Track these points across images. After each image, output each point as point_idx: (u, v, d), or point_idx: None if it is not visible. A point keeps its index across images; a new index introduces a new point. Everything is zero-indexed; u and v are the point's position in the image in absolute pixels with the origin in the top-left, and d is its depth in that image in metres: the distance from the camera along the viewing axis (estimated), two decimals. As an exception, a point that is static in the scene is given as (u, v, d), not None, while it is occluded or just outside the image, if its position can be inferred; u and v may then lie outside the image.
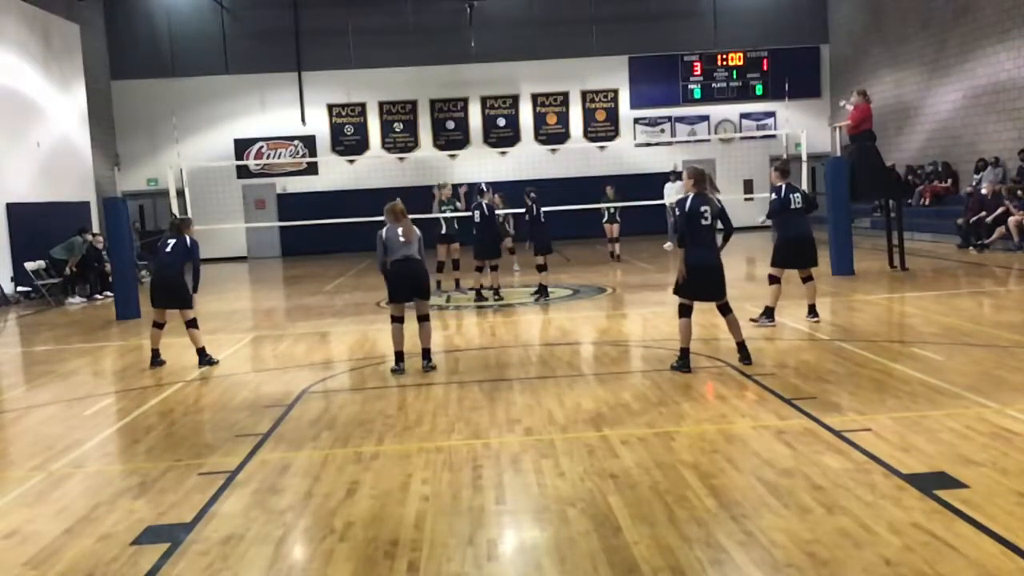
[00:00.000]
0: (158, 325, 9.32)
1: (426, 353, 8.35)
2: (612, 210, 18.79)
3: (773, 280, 9.63)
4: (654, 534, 4.11)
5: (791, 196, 9.46)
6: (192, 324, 9.25)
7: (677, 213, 7.71)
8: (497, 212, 14.19)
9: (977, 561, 3.64)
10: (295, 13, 26.16)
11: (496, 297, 13.00)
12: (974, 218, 17.26)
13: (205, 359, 9.17)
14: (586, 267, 18.00)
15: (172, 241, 9.23)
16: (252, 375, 8.80)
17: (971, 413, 5.80)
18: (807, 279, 9.73)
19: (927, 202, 21.40)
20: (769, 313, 9.65)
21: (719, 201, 7.66)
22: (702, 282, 7.54)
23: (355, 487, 5.02)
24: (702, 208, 7.49)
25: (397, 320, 8.26)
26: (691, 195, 7.59)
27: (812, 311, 9.77)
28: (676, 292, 7.67)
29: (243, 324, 12.66)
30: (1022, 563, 3.62)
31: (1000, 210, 16.62)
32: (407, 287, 8.18)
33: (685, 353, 7.60)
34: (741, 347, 7.77)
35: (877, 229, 19.11)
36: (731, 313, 7.77)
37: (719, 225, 7.67)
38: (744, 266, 17.72)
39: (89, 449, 6.29)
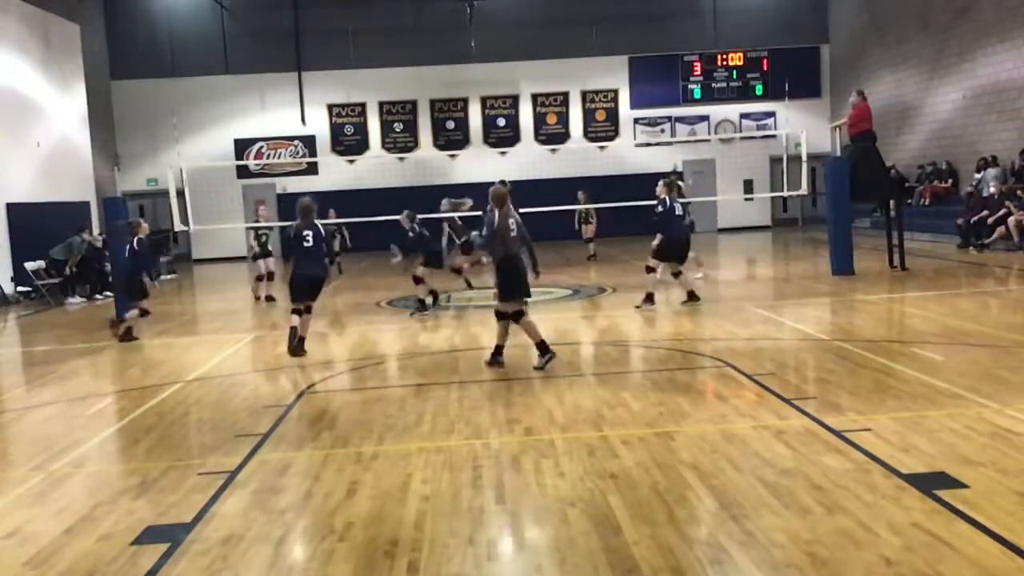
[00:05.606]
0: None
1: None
2: (583, 213, 19.56)
3: (650, 270, 11.39)
4: (654, 534, 4.11)
5: (675, 205, 11.29)
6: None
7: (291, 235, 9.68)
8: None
9: (977, 561, 3.64)
10: (295, 13, 26.16)
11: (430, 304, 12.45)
12: (974, 218, 17.26)
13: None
14: (585, 267, 18.02)
15: None
16: (252, 375, 8.80)
17: (971, 413, 5.80)
18: (678, 274, 11.51)
19: (927, 202, 21.40)
20: (650, 298, 11.27)
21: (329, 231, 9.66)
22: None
23: (355, 487, 5.02)
24: (304, 232, 9.43)
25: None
26: (297, 222, 9.51)
27: (692, 296, 11.36)
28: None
29: (243, 324, 12.67)
30: (1022, 563, 3.62)
31: (1002, 211, 16.63)
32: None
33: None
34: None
35: (877, 229, 19.11)
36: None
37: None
38: (744, 266, 17.73)
39: (89, 449, 6.28)
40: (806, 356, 8.15)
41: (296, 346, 9.38)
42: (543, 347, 8.00)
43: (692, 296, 11.39)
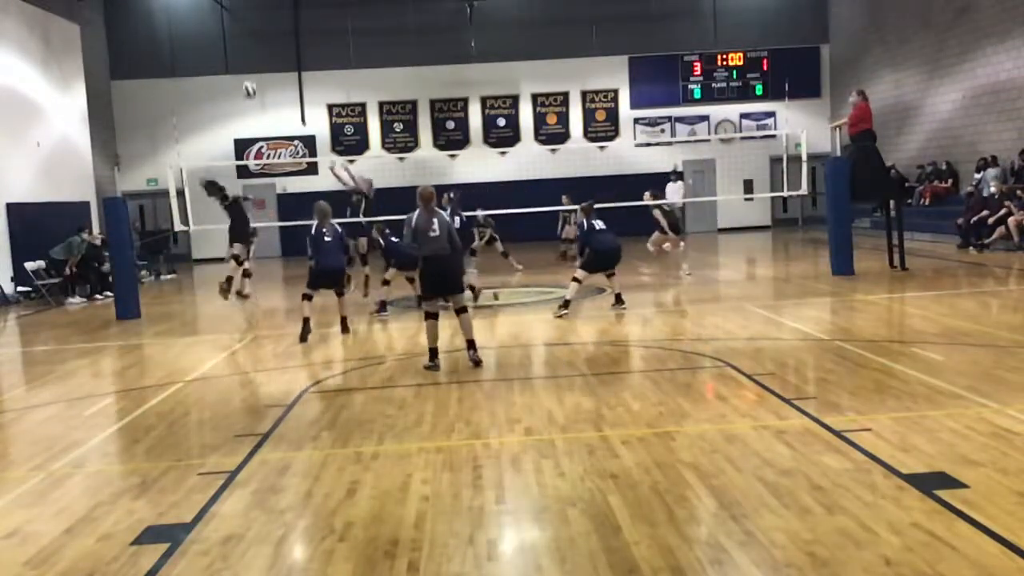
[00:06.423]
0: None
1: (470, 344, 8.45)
2: (567, 215, 19.67)
3: (576, 280, 11.49)
4: (654, 534, 4.11)
5: (594, 223, 11.68)
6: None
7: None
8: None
9: (977, 561, 3.64)
10: (295, 13, 26.15)
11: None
12: (975, 218, 17.25)
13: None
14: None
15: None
16: (252, 375, 8.80)
17: (971, 413, 5.80)
18: (612, 275, 11.70)
19: (927, 202, 21.40)
20: (567, 304, 11.35)
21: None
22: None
23: (355, 487, 5.02)
24: (323, 229, 10.46)
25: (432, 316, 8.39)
26: (316, 222, 10.42)
27: (619, 299, 11.57)
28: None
29: (243, 324, 12.66)
30: (1022, 563, 3.62)
31: (1002, 211, 16.62)
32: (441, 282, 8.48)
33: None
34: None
35: (877, 229, 19.10)
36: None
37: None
38: (744, 266, 17.73)
39: (89, 449, 6.28)
40: (806, 356, 8.15)
41: (305, 333, 10.37)
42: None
43: (619, 300, 11.57)
